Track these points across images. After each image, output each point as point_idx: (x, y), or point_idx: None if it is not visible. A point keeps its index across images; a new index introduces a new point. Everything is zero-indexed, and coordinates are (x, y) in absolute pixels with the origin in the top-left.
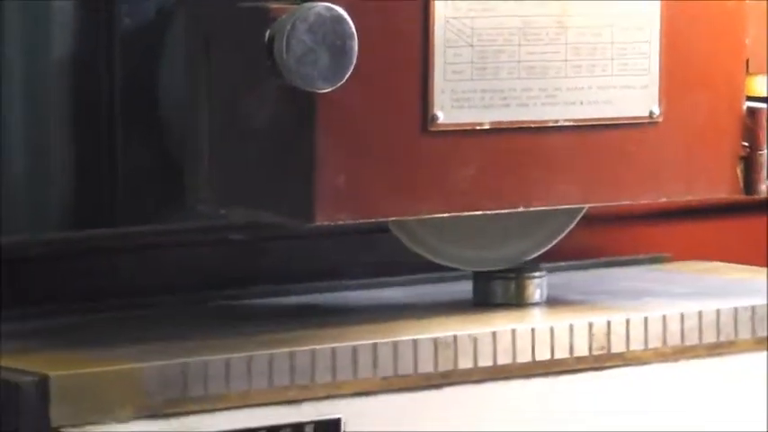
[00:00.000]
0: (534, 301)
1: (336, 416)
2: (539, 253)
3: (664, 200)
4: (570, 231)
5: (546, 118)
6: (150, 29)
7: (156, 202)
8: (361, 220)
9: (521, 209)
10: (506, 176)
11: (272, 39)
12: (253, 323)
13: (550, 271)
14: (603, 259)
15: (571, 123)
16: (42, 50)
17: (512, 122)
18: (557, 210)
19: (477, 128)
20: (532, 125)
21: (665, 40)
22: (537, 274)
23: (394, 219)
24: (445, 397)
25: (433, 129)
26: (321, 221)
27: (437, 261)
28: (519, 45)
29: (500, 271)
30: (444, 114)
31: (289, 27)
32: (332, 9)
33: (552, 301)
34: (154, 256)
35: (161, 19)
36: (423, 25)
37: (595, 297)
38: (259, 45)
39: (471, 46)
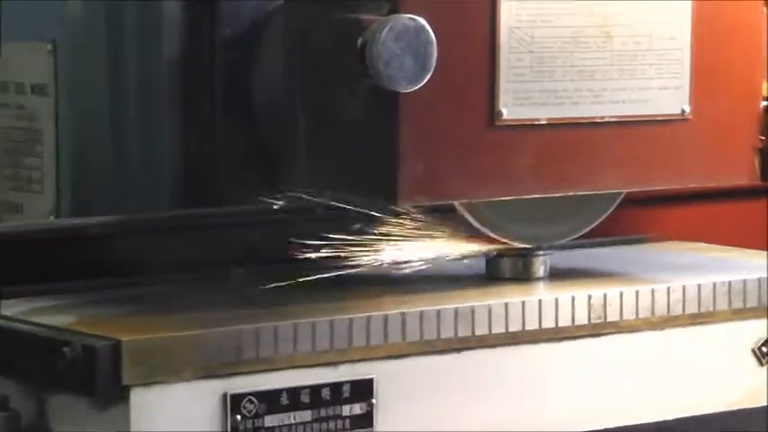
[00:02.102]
0: (539, 276)
1: (370, 376)
2: (585, 230)
3: (692, 186)
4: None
5: (593, 115)
6: (247, 32)
7: (251, 186)
8: (436, 202)
9: (571, 193)
10: (559, 165)
11: (363, 45)
12: (298, 294)
13: (553, 250)
14: (593, 240)
15: (615, 119)
16: (154, 51)
17: (564, 118)
18: (600, 194)
19: (535, 123)
20: (582, 121)
21: (694, 49)
22: (542, 252)
23: (463, 201)
24: (464, 359)
25: (498, 123)
26: (403, 203)
27: (497, 237)
28: (571, 52)
29: (509, 249)
30: (508, 111)
31: (378, 35)
32: (415, 20)
33: (555, 276)
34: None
35: (257, 24)
36: (490, 34)
37: (592, 273)
38: (352, 50)
39: (531, 52)
